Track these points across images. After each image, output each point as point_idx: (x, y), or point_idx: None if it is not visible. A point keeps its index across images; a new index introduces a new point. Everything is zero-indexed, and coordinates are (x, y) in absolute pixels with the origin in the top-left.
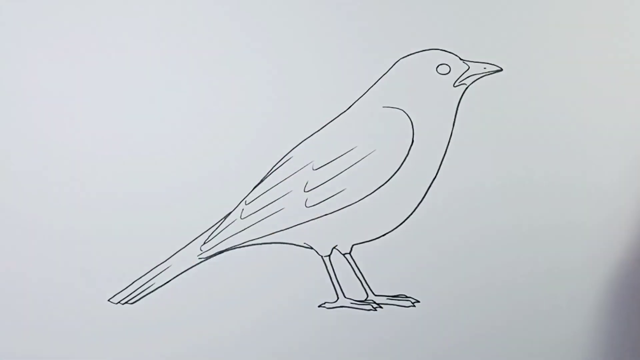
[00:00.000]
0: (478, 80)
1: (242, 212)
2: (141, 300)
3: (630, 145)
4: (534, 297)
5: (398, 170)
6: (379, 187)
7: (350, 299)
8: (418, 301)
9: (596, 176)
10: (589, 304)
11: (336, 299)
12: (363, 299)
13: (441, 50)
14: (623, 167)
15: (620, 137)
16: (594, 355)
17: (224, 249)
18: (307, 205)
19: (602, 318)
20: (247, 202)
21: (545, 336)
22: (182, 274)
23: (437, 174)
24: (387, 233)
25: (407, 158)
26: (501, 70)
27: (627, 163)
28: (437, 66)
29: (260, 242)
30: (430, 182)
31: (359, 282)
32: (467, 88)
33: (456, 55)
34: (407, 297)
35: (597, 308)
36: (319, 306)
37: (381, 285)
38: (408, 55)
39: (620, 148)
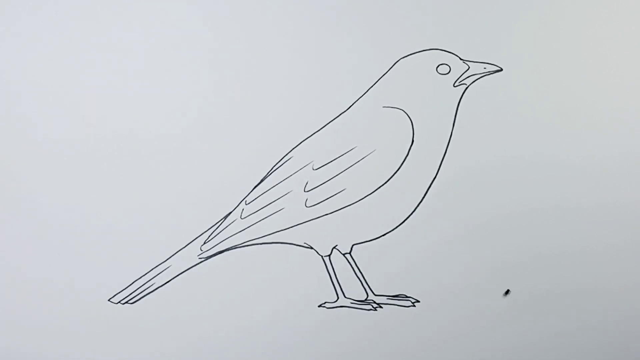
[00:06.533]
0: (478, 80)
1: (242, 212)
2: (141, 300)
3: (629, 143)
4: (533, 297)
5: (398, 170)
6: (379, 187)
7: (350, 299)
8: (418, 301)
9: (595, 176)
10: (590, 294)
11: (336, 299)
12: (363, 299)
13: (441, 50)
14: (620, 167)
15: (619, 135)
16: (597, 352)
17: (224, 248)
18: (307, 205)
19: (608, 306)
20: (247, 202)
21: (545, 335)
22: (182, 274)
23: (437, 174)
24: (387, 233)
25: (407, 158)
26: (501, 70)
27: (625, 163)
28: (437, 66)
29: (261, 242)
30: (430, 182)
31: (359, 282)
32: (467, 88)
33: (456, 55)
34: (407, 297)
35: (604, 296)
36: (319, 306)
37: (381, 285)
38: (408, 55)
39: (619, 147)
